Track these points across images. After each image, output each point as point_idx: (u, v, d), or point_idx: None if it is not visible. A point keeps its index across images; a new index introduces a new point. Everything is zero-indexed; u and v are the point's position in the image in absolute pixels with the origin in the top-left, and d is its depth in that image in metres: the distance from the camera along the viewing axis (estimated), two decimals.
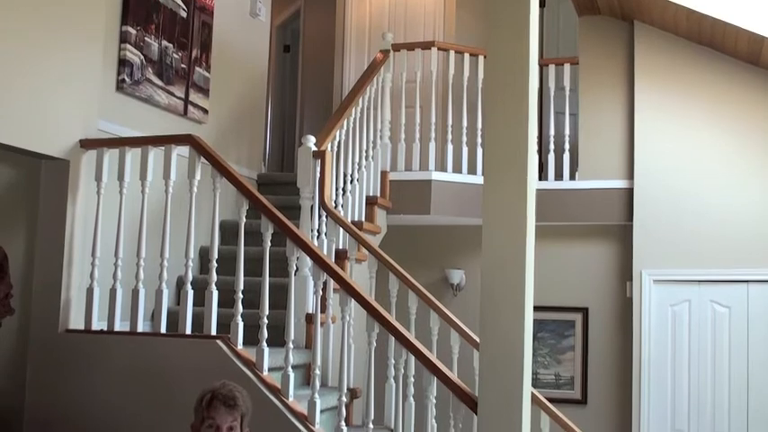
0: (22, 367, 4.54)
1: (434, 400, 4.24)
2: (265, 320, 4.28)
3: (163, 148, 4.56)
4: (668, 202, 6.62)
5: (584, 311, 6.92)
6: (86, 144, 4.60)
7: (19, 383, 4.52)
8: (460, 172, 6.78)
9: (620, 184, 6.83)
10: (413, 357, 4.38)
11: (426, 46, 6.90)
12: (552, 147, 6.99)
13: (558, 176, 6.98)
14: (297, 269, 4.47)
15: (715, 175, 6.57)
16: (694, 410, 6.48)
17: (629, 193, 6.78)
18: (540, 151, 6.70)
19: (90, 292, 4.54)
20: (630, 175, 6.80)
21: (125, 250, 4.51)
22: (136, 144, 4.57)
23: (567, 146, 6.93)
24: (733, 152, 6.55)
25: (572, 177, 6.98)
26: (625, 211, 6.80)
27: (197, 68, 5.87)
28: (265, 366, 4.22)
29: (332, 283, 4.63)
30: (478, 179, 6.39)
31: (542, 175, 7.06)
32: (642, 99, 6.79)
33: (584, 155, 7.01)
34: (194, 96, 5.85)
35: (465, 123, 6.84)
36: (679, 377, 6.54)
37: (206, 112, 6.00)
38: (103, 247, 4.54)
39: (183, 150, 4.57)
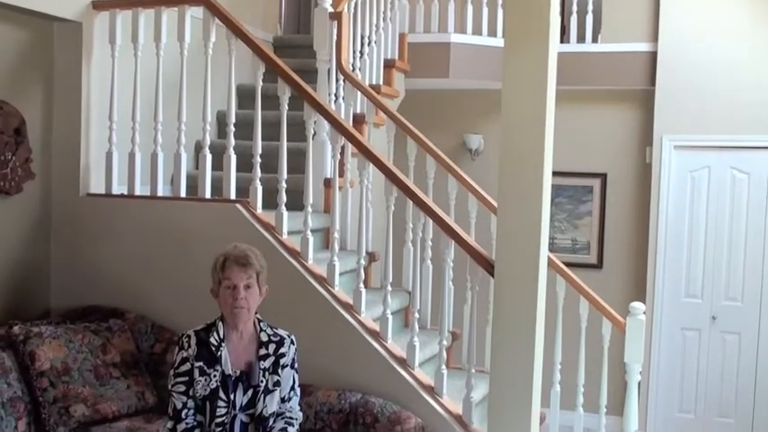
0: (47, 230, 4.62)
1: (452, 264, 4.29)
2: (284, 184, 4.30)
3: (176, 9, 4.47)
4: (692, 67, 6.48)
5: (603, 177, 6.90)
6: (98, 6, 4.52)
7: (44, 246, 4.60)
8: (480, 34, 6.63)
9: (644, 47, 6.67)
10: (431, 221, 4.40)
11: None
12: (575, 8, 6.80)
13: (581, 39, 6.83)
14: (314, 133, 4.46)
15: (740, 40, 6.39)
16: (709, 275, 6.54)
17: (653, 56, 6.63)
18: (562, 13, 6.52)
19: (109, 156, 4.56)
20: (655, 37, 6.63)
21: (142, 114, 4.50)
22: (149, 5, 4.48)
23: (590, 7, 6.74)
24: (760, 17, 6.35)
25: (594, 40, 6.83)
26: (648, 76, 6.67)
27: None
28: (284, 230, 4.26)
29: (350, 148, 4.61)
30: (499, 41, 6.26)
31: (564, 37, 6.89)
32: None
33: (608, 16, 6.82)
34: None
35: None
36: (695, 243, 6.58)
37: None
38: (120, 111, 4.52)
39: (197, 12, 4.48)
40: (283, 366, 3.38)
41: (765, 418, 6.37)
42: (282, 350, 3.39)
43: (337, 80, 5.23)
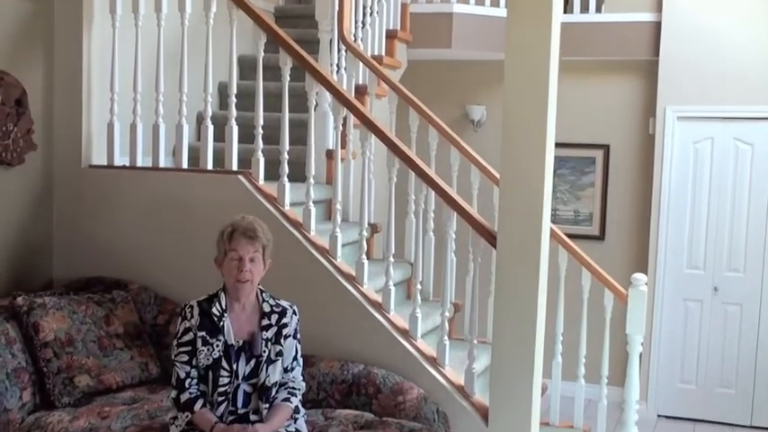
0: (49, 202, 4.62)
1: (454, 235, 4.29)
2: (286, 156, 4.29)
3: None
4: (696, 37, 6.44)
5: (606, 148, 6.88)
6: None
7: (46, 217, 4.61)
8: (483, 4, 6.58)
9: (648, 17, 6.63)
10: (433, 193, 4.40)
11: None
12: None
13: (584, 9, 6.79)
14: (316, 104, 4.44)
15: (744, 10, 6.34)
16: (711, 247, 6.55)
17: (657, 26, 6.58)
18: None
19: (111, 127, 4.55)
20: (659, 7, 6.58)
21: (143, 85, 4.48)
22: None
23: None
24: None
25: (598, 10, 6.78)
26: (651, 46, 6.63)
27: None
28: (287, 201, 4.26)
29: (352, 119, 4.60)
30: (502, 12, 6.22)
31: (567, 7, 6.85)
32: None
33: None
34: None
35: None
36: (698, 214, 6.57)
37: None
38: (122, 81, 4.51)
39: None
40: (286, 337, 3.40)
41: (766, 388, 6.40)
42: (285, 320, 3.40)
43: (339, 51, 5.21)
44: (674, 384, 6.66)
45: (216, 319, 3.31)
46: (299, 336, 3.48)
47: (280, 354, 3.37)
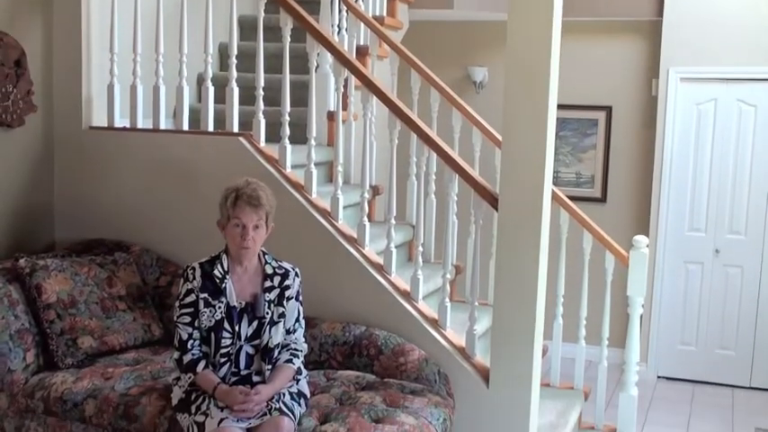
0: (50, 163, 4.61)
1: (455, 197, 4.29)
2: (287, 118, 4.27)
3: None
4: None
5: (608, 110, 6.85)
6: None
7: (47, 178, 4.60)
8: None
9: None
10: (434, 155, 4.39)
11: None
12: None
13: None
14: (317, 66, 4.41)
15: None
16: (713, 209, 6.54)
17: None
18: None
19: (111, 88, 4.52)
20: None
21: (143, 46, 4.45)
22: None
23: None
24: None
25: None
26: (655, 6, 6.57)
27: None
28: (288, 163, 4.25)
29: (353, 80, 4.57)
30: None
31: None
32: None
33: None
34: None
35: None
36: (700, 176, 6.56)
37: None
38: (121, 42, 4.47)
39: None
40: (288, 298, 3.41)
41: (766, 350, 6.43)
42: (287, 282, 3.41)
43: (340, 11, 5.16)
44: (675, 346, 6.69)
45: (218, 280, 3.32)
46: (301, 298, 3.49)
47: (282, 315, 3.38)
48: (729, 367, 6.55)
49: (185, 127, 4.46)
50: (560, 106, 4.08)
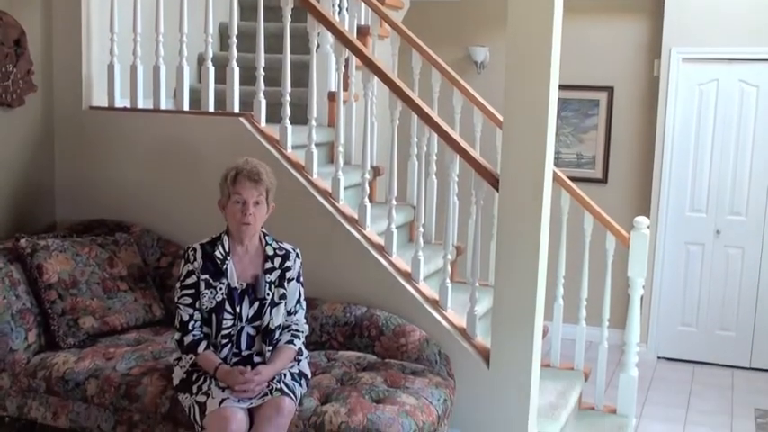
0: (50, 143, 4.60)
1: (456, 178, 4.28)
2: (287, 98, 4.26)
3: None
4: None
5: (610, 90, 6.83)
6: None
7: (48, 158, 4.60)
8: None
9: None
10: (435, 135, 4.38)
11: None
12: None
13: None
14: (318, 46, 4.39)
15: None
16: (714, 190, 6.53)
17: None
18: None
19: (111, 68, 4.51)
20: None
21: (143, 26, 4.43)
22: None
23: None
24: None
25: None
26: None
27: None
28: (289, 144, 4.24)
29: (354, 60, 4.55)
30: None
31: None
32: None
33: None
34: None
35: None
36: (701, 157, 6.55)
37: None
38: (121, 22, 4.45)
39: None
40: (289, 280, 3.41)
41: (766, 330, 6.44)
42: (288, 263, 3.42)
43: None
44: (675, 327, 6.70)
45: (219, 261, 3.32)
46: (302, 279, 3.49)
47: (283, 297, 3.39)
48: (729, 348, 6.56)
49: (186, 107, 4.45)
50: (561, 87, 4.07)
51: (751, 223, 6.46)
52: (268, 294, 3.34)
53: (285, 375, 3.27)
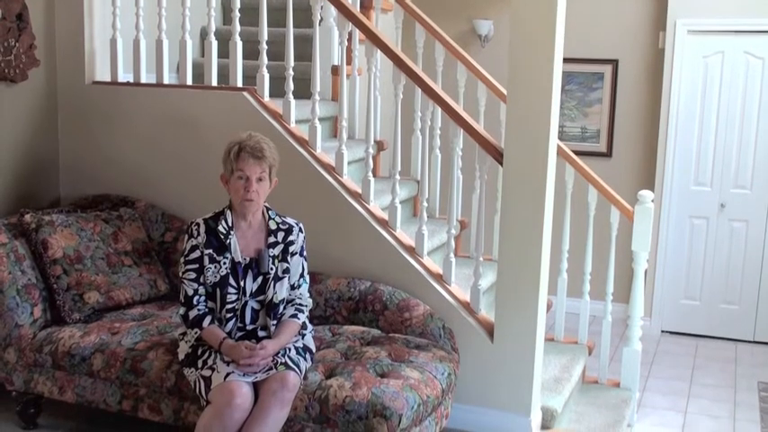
0: (54, 118, 4.60)
1: (460, 152, 4.27)
2: (291, 72, 4.24)
3: None
4: None
5: (614, 63, 6.79)
6: None
7: (52, 134, 4.59)
8: None
9: None
10: (439, 109, 4.36)
11: None
12: None
13: None
14: (321, 19, 4.36)
15: None
16: (719, 164, 6.51)
17: None
18: None
19: (113, 43, 4.49)
20: None
21: None
22: None
23: None
24: None
25: None
26: None
27: None
28: (292, 118, 4.23)
29: (357, 34, 4.53)
30: None
31: None
32: None
33: None
34: None
35: None
36: (706, 131, 6.52)
37: None
38: None
39: None
40: (292, 254, 3.42)
41: None
42: (291, 238, 3.42)
43: None
44: (679, 301, 6.71)
45: (222, 236, 3.32)
46: (305, 253, 3.50)
47: (286, 271, 3.39)
48: (733, 322, 6.57)
49: (189, 82, 4.44)
50: (566, 60, 4.05)
51: (755, 197, 6.44)
52: (271, 269, 3.35)
53: (290, 350, 3.29)
